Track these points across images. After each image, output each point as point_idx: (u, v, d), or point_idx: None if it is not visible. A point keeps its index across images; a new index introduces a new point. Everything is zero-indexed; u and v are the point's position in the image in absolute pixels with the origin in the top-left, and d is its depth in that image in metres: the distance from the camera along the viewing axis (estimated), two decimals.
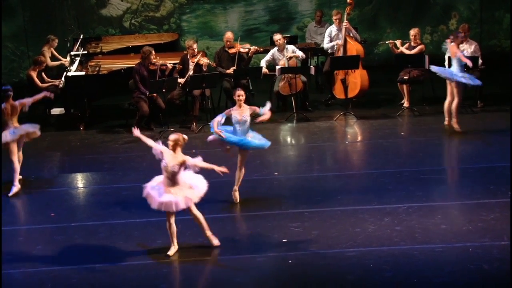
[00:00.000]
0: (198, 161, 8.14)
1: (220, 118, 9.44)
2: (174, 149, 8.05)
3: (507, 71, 14.94)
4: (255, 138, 9.50)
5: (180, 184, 8.07)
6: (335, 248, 8.17)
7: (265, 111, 9.53)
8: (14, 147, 10.42)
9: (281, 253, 8.17)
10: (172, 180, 8.05)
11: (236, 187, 9.55)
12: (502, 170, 10.23)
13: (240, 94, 9.45)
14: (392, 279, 7.50)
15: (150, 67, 12.99)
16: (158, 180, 8.22)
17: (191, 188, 8.14)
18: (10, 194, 10.27)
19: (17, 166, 10.42)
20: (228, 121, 9.50)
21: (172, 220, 8.12)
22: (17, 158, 10.45)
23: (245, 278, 7.72)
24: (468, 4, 17.05)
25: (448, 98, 12.10)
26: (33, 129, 10.75)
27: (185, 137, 8.19)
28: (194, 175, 8.26)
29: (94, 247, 8.46)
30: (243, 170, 9.50)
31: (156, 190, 8.12)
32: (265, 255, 8.19)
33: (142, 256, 8.17)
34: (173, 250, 8.17)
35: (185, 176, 8.16)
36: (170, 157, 8.03)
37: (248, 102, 13.38)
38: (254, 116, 9.61)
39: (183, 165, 8.05)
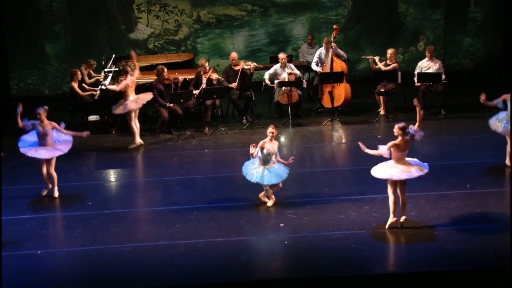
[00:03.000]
0: None
1: (257, 154, 8.88)
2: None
3: (465, 84, 15.00)
4: (274, 172, 8.91)
5: None
6: (323, 231, 8.18)
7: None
8: (133, 114, 12.04)
9: (279, 236, 8.19)
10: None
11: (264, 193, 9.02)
12: (461, 167, 10.27)
13: (272, 131, 8.84)
14: (370, 257, 7.52)
15: (165, 82, 13.01)
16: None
17: None
18: (131, 147, 11.92)
19: (135, 129, 12.03)
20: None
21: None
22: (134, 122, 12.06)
23: (250, 256, 7.75)
24: (434, 29, 17.07)
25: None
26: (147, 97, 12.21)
27: None
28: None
29: (124, 230, 8.47)
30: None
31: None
32: (266, 237, 8.22)
33: (163, 238, 8.18)
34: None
35: None
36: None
37: (251, 110, 13.51)
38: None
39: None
